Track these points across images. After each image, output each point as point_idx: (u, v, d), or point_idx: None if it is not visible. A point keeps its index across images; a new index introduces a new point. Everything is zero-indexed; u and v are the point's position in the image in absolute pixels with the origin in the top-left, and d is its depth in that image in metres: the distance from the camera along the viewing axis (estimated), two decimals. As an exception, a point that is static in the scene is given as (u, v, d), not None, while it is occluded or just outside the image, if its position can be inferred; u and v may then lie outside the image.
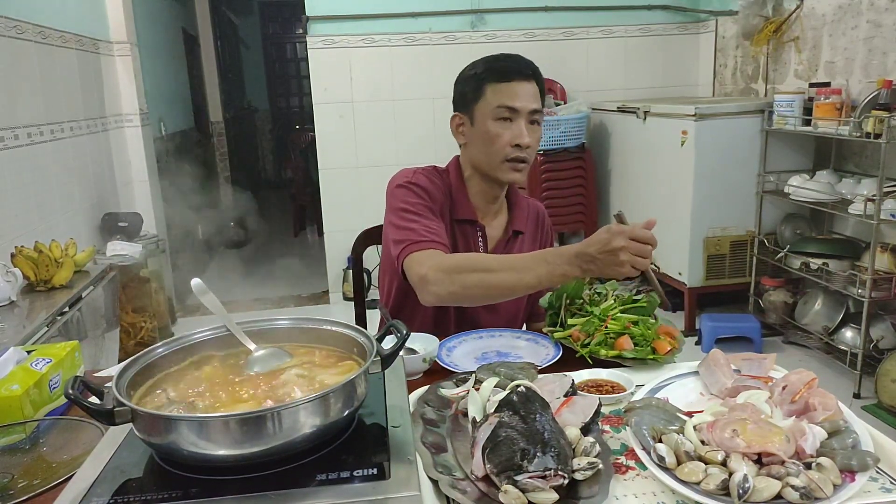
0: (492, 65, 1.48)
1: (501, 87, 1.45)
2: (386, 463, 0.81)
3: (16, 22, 2.74)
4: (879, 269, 2.90)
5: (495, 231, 1.60)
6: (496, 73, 1.47)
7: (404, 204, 1.46)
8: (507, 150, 1.46)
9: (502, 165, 1.48)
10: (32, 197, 2.80)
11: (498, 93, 1.45)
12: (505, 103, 1.45)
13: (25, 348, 1.27)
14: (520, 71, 1.47)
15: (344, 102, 4.33)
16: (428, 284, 1.29)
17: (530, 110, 1.46)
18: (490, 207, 1.58)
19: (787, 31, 3.67)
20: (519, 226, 1.61)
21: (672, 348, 1.26)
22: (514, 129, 1.45)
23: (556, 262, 1.21)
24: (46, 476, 0.93)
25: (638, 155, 4.00)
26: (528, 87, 1.47)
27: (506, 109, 1.45)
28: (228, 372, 0.97)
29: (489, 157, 1.49)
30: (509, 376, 1.06)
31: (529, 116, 1.46)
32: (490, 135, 1.46)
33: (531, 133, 1.47)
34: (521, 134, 1.45)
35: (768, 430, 0.84)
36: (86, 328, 2.42)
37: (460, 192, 1.55)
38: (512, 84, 1.45)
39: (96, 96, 3.65)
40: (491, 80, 1.46)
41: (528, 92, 1.46)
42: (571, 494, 0.80)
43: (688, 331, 3.59)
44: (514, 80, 1.46)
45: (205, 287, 1.01)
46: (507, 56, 1.51)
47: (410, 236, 1.39)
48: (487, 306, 1.57)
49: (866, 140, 2.79)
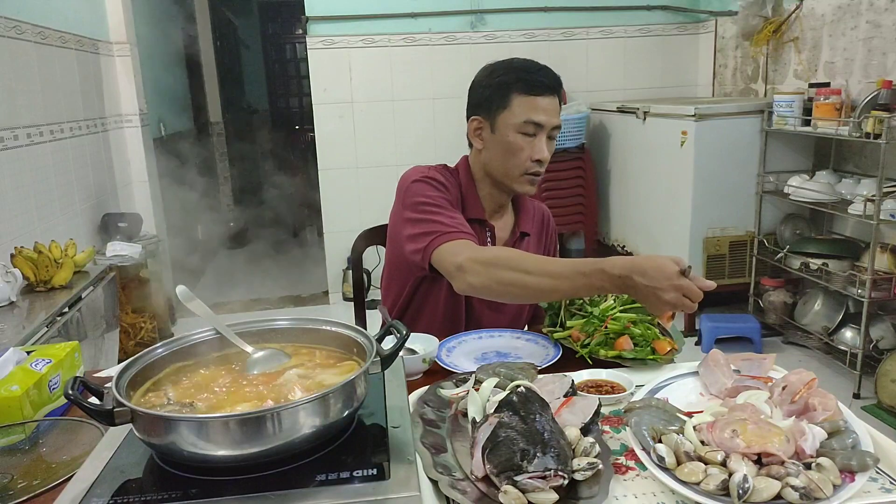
0: (522, 76, 1.46)
1: (530, 100, 1.44)
2: (386, 463, 0.81)
3: (15, 22, 2.74)
4: (879, 269, 2.90)
5: (503, 232, 1.61)
6: (526, 84, 1.45)
7: (424, 198, 1.45)
8: (527, 164, 1.46)
9: (520, 178, 1.49)
10: (32, 197, 2.80)
11: (525, 106, 1.44)
12: (532, 118, 1.44)
13: (25, 349, 1.27)
14: (549, 86, 1.46)
15: (343, 103, 4.33)
16: (465, 274, 1.28)
17: (553, 126, 1.46)
18: (498, 209, 1.60)
19: (786, 32, 3.67)
20: (525, 227, 1.62)
21: (672, 349, 1.26)
22: (536, 144, 1.45)
23: (596, 277, 1.17)
24: (46, 476, 0.93)
25: (637, 155, 4.00)
26: (554, 103, 1.47)
27: (532, 125, 1.44)
28: (228, 372, 0.97)
29: (507, 168, 1.49)
30: (509, 377, 1.06)
31: (550, 132, 1.47)
32: (512, 147, 1.46)
33: (548, 147, 1.48)
34: (542, 150, 1.46)
35: (768, 431, 0.84)
36: (85, 329, 2.42)
37: (470, 192, 1.56)
38: (540, 99, 1.45)
39: (96, 97, 3.65)
40: (519, 91, 1.45)
41: (553, 108, 1.46)
42: (571, 495, 0.80)
43: (687, 331, 3.59)
44: (543, 94, 1.45)
45: (190, 294, 1.01)
46: (537, 67, 1.49)
47: (438, 228, 1.38)
48: (492, 306, 1.58)
49: (866, 140, 2.79)
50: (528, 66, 1.48)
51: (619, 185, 4.26)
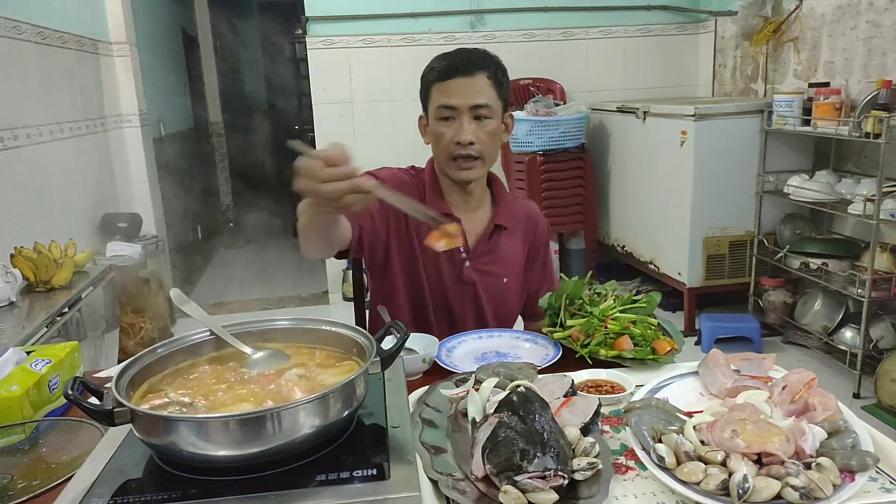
0: (435, 65, 1.48)
1: (442, 86, 1.46)
2: (385, 463, 0.81)
3: (15, 22, 2.74)
4: (879, 268, 2.90)
5: (476, 226, 1.58)
6: (436, 72, 1.47)
7: None
8: (450, 148, 1.46)
9: (449, 164, 1.48)
10: (32, 198, 2.80)
11: (439, 92, 1.46)
12: (443, 102, 1.45)
13: (25, 349, 1.27)
14: (458, 68, 1.45)
15: (343, 103, 4.33)
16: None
17: (471, 106, 1.44)
18: (467, 202, 1.57)
19: (786, 32, 3.67)
20: (502, 220, 1.59)
21: (672, 348, 1.26)
22: (456, 127, 1.45)
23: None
24: (46, 477, 0.93)
25: (637, 155, 4.00)
26: (471, 83, 1.44)
27: (445, 109, 1.45)
28: (228, 372, 0.97)
29: (438, 156, 1.51)
30: (509, 377, 1.06)
31: (473, 112, 1.45)
32: (436, 135, 1.48)
33: (479, 129, 1.45)
34: (461, 131, 1.44)
35: (768, 431, 0.84)
36: (85, 329, 2.42)
37: (434, 190, 1.56)
38: (450, 82, 1.45)
39: (95, 97, 3.65)
40: (434, 80, 1.47)
41: (469, 88, 1.44)
42: (571, 495, 0.80)
43: (687, 331, 3.59)
44: (454, 77, 1.44)
45: (185, 297, 1.01)
46: (449, 53, 1.49)
47: None
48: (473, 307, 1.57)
49: (865, 140, 2.79)
50: (443, 55, 1.50)
51: (619, 185, 4.26)
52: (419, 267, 1.53)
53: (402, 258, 1.53)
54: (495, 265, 1.59)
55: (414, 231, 1.52)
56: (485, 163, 1.50)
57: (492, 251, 1.58)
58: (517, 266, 1.63)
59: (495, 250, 1.59)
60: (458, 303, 1.57)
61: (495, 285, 1.59)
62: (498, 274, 1.59)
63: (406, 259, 1.53)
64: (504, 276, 1.60)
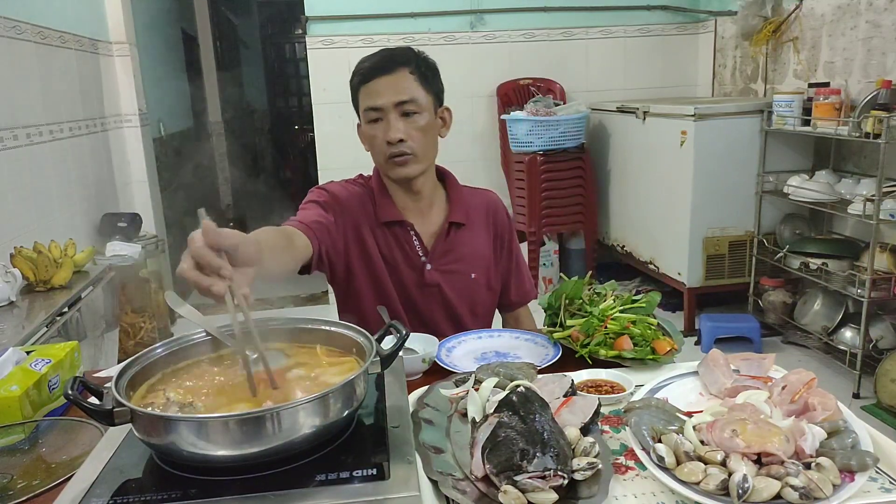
0: (357, 69, 1.47)
1: (365, 88, 1.45)
2: (385, 463, 0.81)
3: (14, 22, 2.74)
4: (879, 268, 2.90)
5: (431, 227, 1.55)
6: (359, 76, 1.46)
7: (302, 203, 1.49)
8: (383, 148, 1.45)
9: (386, 164, 1.47)
10: (31, 197, 2.80)
11: (364, 95, 1.45)
12: (369, 104, 1.44)
13: (24, 349, 1.27)
14: (377, 67, 1.44)
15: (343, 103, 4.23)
16: None
17: (396, 103, 1.42)
18: (417, 203, 1.54)
19: (786, 32, 3.67)
20: (457, 217, 1.55)
21: (671, 348, 1.26)
22: (384, 126, 1.44)
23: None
24: (46, 477, 0.93)
25: (637, 155, 4.00)
26: (392, 81, 1.43)
27: (371, 111, 1.44)
28: (228, 372, 0.97)
29: (376, 160, 1.50)
30: (509, 376, 1.06)
31: (399, 109, 1.43)
32: (368, 138, 1.48)
33: (408, 126, 1.43)
34: (391, 129, 1.43)
35: (768, 431, 0.84)
36: (85, 328, 2.42)
37: (383, 196, 1.53)
38: (373, 83, 1.43)
39: (95, 97, 3.65)
40: (359, 84, 1.46)
41: (391, 86, 1.42)
42: (571, 495, 0.80)
43: (687, 331, 3.59)
44: (376, 77, 1.43)
45: (180, 299, 1.01)
46: (371, 55, 1.48)
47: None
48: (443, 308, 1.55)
49: (865, 140, 2.79)
50: (366, 58, 1.48)
51: (619, 185, 4.26)
52: (383, 275, 1.51)
53: (364, 268, 1.51)
54: (458, 263, 1.55)
55: (373, 239, 1.50)
56: (420, 159, 1.46)
57: (452, 249, 1.55)
58: (485, 259, 1.59)
59: (456, 248, 1.55)
60: (427, 307, 1.54)
61: (463, 283, 1.56)
62: (463, 271, 1.56)
63: (367, 269, 1.51)
64: (471, 272, 1.56)
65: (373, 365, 0.89)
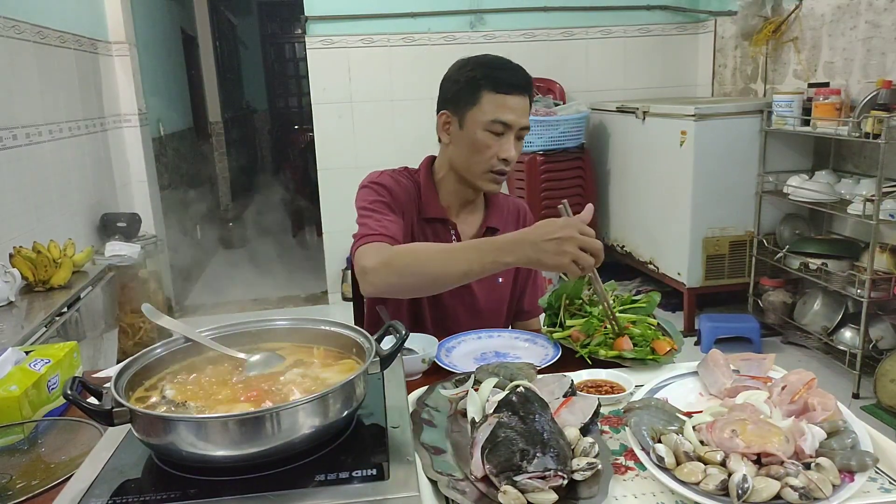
0: (493, 73, 1.43)
1: (499, 98, 1.41)
2: (385, 463, 0.81)
3: (14, 22, 2.74)
4: (878, 269, 2.90)
5: (469, 228, 1.58)
6: (496, 82, 1.42)
7: (363, 202, 1.48)
8: (492, 162, 1.45)
9: (484, 175, 1.47)
10: (31, 197, 2.80)
11: (494, 104, 1.42)
12: (500, 118, 1.42)
13: (24, 349, 1.27)
14: (519, 85, 1.43)
15: (343, 102, 4.33)
16: (367, 275, 1.29)
17: (521, 126, 1.44)
18: (463, 206, 1.58)
19: (786, 32, 3.67)
20: (494, 223, 1.59)
21: (671, 349, 1.26)
22: (503, 143, 1.43)
23: (487, 249, 1.20)
24: (45, 477, 0.93)
25: (637, 155, 4.00)
26: (523, 103, 1.44)
27: (500, 125, 1.42)
28: (227, 373, 0.97)
29: (472, 165, 1.47)
30: (508, 377, 1.06)
31: (518, 132, 1.45)
32: (479, 144, 1.44)
33: (516, 147, 1.46)
34: (510, 149, 1.43)
35: (767, 431, 0.84)
36: (84, 328, 2.41)
37: (430, 192, 1.54)
38: (510, 98, 1.42)
39: (95, 96, 3.65)
40: (489, 89, 1.42)
41: (522, 107, 1.44)
42: (571, 495, 0.80)
43: (687, 331, 3.59)
44: (514, 93, 1.42)
45: (157, 311, 1.00)
46: (507, 65, 1.46)
47: (362, 231, 1.39)
48: (467, 307, 1.57)
49: (865, 140, 2.79)
50: (500, 64, 1.45)
51: (618, 184, 4.26)
52: None
53: None
54: None
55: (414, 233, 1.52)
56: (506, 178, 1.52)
57: None
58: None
59: None
60: (452, 305, 1.56)
61: (490, 286, 1.59)
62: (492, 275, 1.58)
63: None
64: (499, 276, 1.59)
65: (372, 365, 0.89)
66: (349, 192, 2.13)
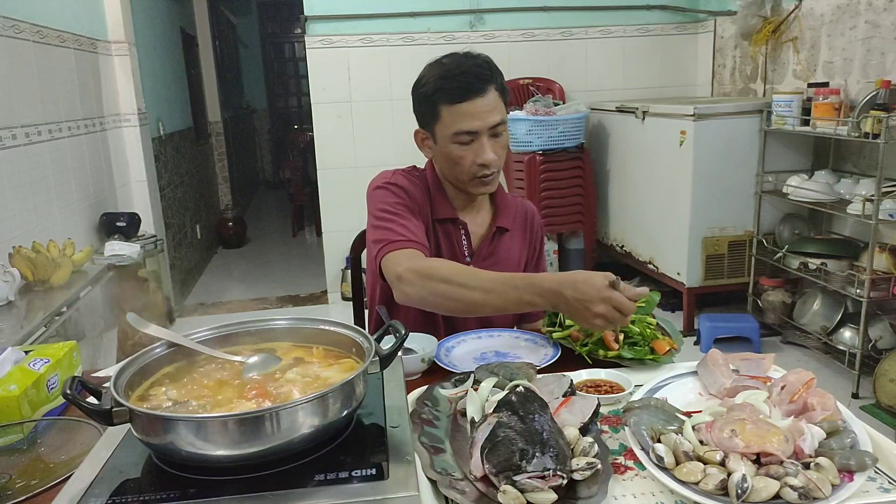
0: (442, 85, 1.39)
1: (456, 109, 1.38)
2: (384, 463, 0.81)
3: (13, 21, 2.74)
4: (878, 268, 2.90)
5: (479, 227, 1.58)
6: (449, 94, 1.38)
7: (383, 204, 1.46)
8: (472, 169, 1.43)
9: (471, 182, 1.46)
10: (30, 197, 2.80)
11: (453, 116, 1.38)
12: (462, 128, 1.38)
13: (23, 348, 1.27)
14: (473, 89, 1.37)
15: (342, 102, 4.33)
16: (402, 284, 1.29)
17: (490, 126, 1.39)
18: (471, 205, 1.58)
19: (785, 32, 3.67)
20: (503, 223, 1.59)
21: (670, 348, 1.26)
22: (477, 149, 1.40)
23: (526, 291, 1.19)
24: (44, 476, 0.93)
25: (636, 155, 4.00)
26: (485, 102, 1.38)
27: (465, 134, 1.39)
28: (226, 372, 0.97)
29: (455, 175, 1.47)
30: (508, 376, 1.06)
31: (490, 132, 1.41)
32: (452, 157, 1.43)
33: (496, 145, 1.42)
34: (484, 153, 1.40)
35: (767, 430, 0.84)
36: (84, 328, 2.41)
37: (438, 192, 1.54)
38: (465, 105, 1.37)
39: (94, 96, 3.64)
40: (444, 102, 1.38)
41: (485, 107, 1.38)
42: (570, 495, 0.80)
43: (686, 331, 3.59)
44: (469, 98, 1.36)
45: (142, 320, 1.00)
46: (457, 70, 1.39)
47: (389, 236, 1.38)
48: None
49: (864, 140, 2.79)
50: (447, 72, 1.40)
51: (618, 184, 4.27)
52: None
53: None
54: (497, 266, 1.58)
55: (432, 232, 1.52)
56: (498, 173, 1.49)
57: (494, 252, 1.58)
58: (519, 266, 1.63)
59: (497, 251, 1.59)
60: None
61: None
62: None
63: None
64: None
65: (372, 365, 0.89)
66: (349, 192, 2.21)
